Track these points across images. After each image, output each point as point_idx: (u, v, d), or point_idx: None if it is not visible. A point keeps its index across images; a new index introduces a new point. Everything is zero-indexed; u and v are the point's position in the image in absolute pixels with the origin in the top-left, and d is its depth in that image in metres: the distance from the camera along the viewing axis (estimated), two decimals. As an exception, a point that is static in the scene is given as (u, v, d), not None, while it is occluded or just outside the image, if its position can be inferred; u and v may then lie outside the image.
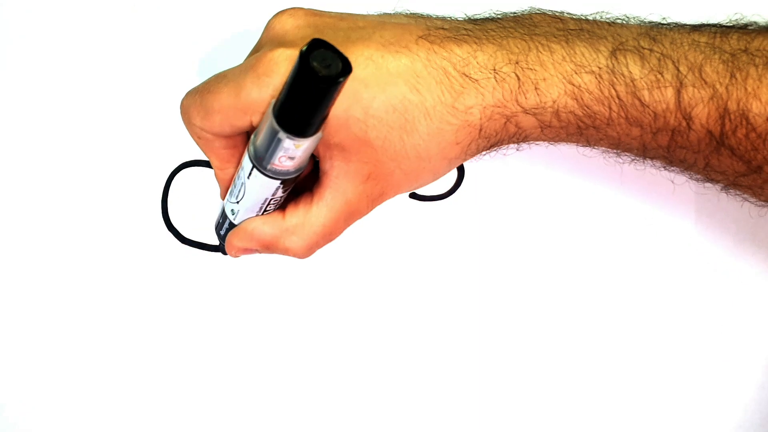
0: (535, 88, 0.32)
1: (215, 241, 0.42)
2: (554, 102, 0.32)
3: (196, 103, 0.33)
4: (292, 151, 0.29)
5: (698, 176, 0.36)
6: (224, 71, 0.33)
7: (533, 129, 0.33)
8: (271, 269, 0.42)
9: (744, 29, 0.34)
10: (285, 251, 0.35)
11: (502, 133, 0.33)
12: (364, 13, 0.35)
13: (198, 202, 0.42)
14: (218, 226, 0.38)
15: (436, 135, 0.32)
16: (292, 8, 0.34)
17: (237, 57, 0.44)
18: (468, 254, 0.42)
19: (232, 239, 0.36)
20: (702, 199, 0.43)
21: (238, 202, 0.34)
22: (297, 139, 0.29)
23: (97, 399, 0.40)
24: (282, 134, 0.29)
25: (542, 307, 0.42)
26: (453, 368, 0.41)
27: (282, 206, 0.35)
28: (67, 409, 0.40)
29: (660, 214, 0.43)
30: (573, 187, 0.44)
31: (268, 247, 0.35)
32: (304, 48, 0.26)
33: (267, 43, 0.34)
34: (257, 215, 0.35)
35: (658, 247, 0.43)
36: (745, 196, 0.36)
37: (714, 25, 0.34)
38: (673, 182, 0.41)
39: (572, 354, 0.42)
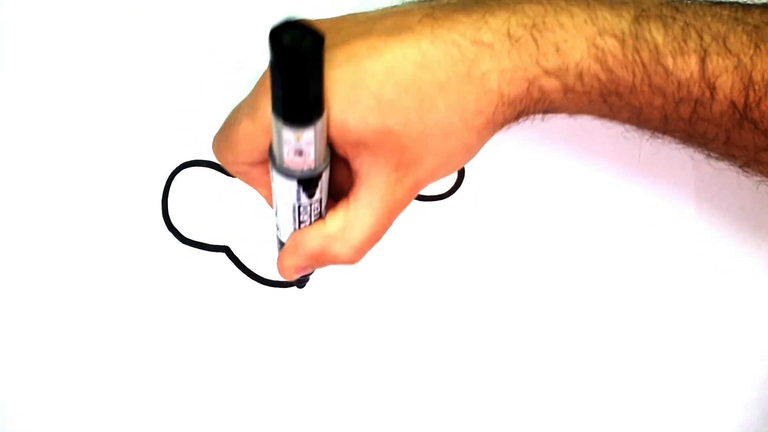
0: (557, 50, 0.31)
1: (215, 241, 0.42)
2: (577, 64, 0.32)
3: (222, 139, 0.33)
4: (295, 144, 0.29)
5: (717, 153, 0.35)
6: (239, 103, 0.33)
7: (557, 93, 0.32)
8: (271, 269, 0.42)
9: (766, 6, 0.34)
10: (334, 260, 0.34)
11: (527, 99, 0.32)
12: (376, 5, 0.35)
13: (198, 202, 0.42)
14: (278, 251, 0.38)
15: (456, 107, 0.31)
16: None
17: (236, 56, 0.44)
18: (468, 254, 0.43)
19: (282, 260, 0.35)
20: (702, 198, 0.43)
21: (276, 215, 0.34)
22: (294, 127, 0.28)
23: (97, 399, 0.40)
24: (279, 123, 0.28)
25: (542, 307, 0.42)
26: (453, 367, 0.41)
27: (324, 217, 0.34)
28: (67, 409, 0.40)
29: (660, 214, 0.43)
30: (573, 187, 0.44)
31: (317, 259, 0.34)
32: (275, 25, 0.26)
33: None
34: (294, 229, 0.34)
35: (658, 246, 0.43)
36: (765, 174, 0.35)
37: (734, 2, 0.34)
38: (673, 183, 0.41)
39: (573, 353, 0.42)
